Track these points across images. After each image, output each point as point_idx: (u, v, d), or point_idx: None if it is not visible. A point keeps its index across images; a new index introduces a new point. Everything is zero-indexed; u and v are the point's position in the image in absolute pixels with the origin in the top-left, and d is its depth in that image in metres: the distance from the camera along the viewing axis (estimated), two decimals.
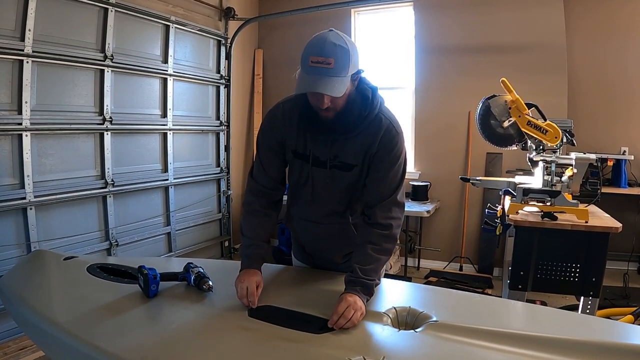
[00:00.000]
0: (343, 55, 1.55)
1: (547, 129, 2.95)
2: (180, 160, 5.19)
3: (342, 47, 1.55)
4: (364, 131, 1.75)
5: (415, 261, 5.72)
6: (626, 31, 4.97)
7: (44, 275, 2.12)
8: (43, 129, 3.71)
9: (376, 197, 1.79)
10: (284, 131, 1.86)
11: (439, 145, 5.59)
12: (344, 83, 1.57)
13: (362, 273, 1.66)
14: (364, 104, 1.73)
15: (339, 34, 1.59)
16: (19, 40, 3.48)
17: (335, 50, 1.54)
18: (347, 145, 1.77)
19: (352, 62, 1.58)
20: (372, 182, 1.80)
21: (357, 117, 1.73)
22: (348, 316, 1.51)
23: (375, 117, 1.75)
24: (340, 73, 1.55)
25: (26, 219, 3.61)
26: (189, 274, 1.87)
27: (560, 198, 2.90)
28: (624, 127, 5.08)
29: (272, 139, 1.89)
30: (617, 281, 4.61)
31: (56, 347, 1.61)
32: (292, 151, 1.87)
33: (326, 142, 1.78)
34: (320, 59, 1.53)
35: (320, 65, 1.53)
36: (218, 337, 1.47)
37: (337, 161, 1.80)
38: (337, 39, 1.56)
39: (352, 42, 1.63)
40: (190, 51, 5.30)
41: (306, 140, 1.82)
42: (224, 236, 6.01)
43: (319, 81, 1.54)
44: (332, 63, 1.52)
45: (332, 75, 1.53)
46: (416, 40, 5.63)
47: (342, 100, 1.64)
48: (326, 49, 1.54)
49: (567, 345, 1.33)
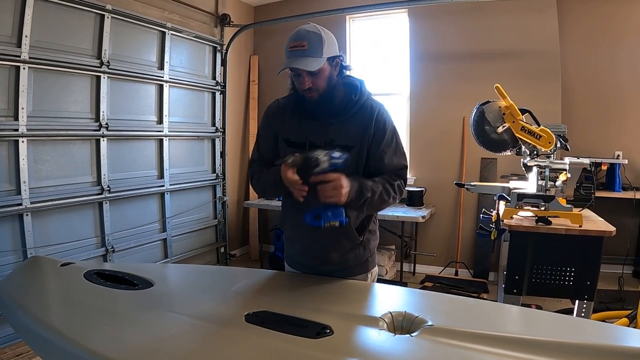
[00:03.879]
0: (315, 39, 1.78)
1: (541, 134, 2.97)
2: (176, 166, 5.20)
3: (315, 33, 1.80)
4: (358, 114, 1.93)
5: (411, 266, 5.73)
6: (619, 37, 5.02)
7: (41, 281, 2.12)
8: (39, 135, 3.72)
9: (383, 167, 1.94)
10: (279, 122, 2.03)
11: (433, 151, 5.61)
12: (318, 62, 1.78)
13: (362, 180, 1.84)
14: (354, 90, 1.94)
15: (315, 25, 1.84)
16: (16, 47, 3.49)
17: (308, 35, 1.79)
18: (343, 128, 1.92)
19: (327, 45, 1.80)
20: (374, 156, 1.94)
21: (348, 101, 1.93)
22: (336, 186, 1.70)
23: (365, 102, 1.95)
24: (314, 53, 1.77)
25: (22, 225, 3.61)
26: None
27: (554, 203, 2.92)
28: (618, 131, 5.11)
29: (269, 129, 2.07)
30: (612, 284, 4.62)
31: (53, 353, 1.61)
32: (284, 140, 2.00)
33: (321, 127, 1.93)
34: (296, 44, 1.79)
35: (296, 48, 1.78)
36: (214, 342, 1.47)
37: (334, 145, 1.88)
38: (311, 27, 1.82)
39: (329, 32, 1.86)
40: (186, 57, 5.31)
41: (302, 128, 1.95)
42: (220, 242, 6.01)
43: (295, 60, 1.78)
44: (306, 45, 1.77)
45: (307, 56, 1.77)
46: (411, 47, 5.66)
47: (322, 81, 1.84)
48: (301, 35, 1.80)
49: (562, 349, 1.33)
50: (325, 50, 1.79)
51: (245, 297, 1.84)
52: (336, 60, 1.88)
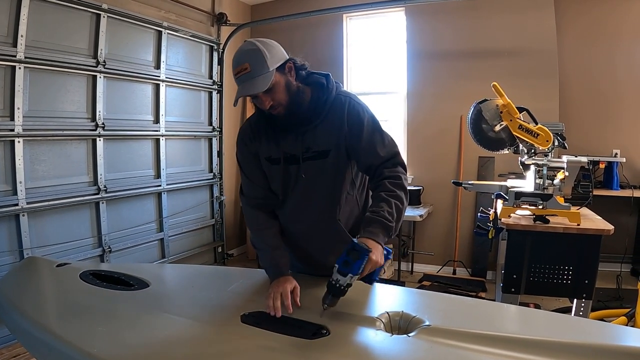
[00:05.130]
0: (256, 56, 1.67)
1: (539, 132, 2.97)
2: (173, 166, 5.19)
3: (253, 49, 1.68)
4: (330, 114, 1.83)
5: (409, 265, 5.73)
6: (616, 36, 5.02)
7: (37, 282, 2.11)
8: (35, 135, 3.71)
9: (374, 159, 1.82)
10: (255, 143, 1.93)
11: (431, 150, 5.60)
12: (266, 78, 1.67)
13: (375, 215, 1.68)
14: (321, 90, 1.83)
15: (251, 41, 1.73)
16: (12, 46, 3.48)
17: (247, 55, 1.68)
18: (317, 133, 1.83)
19: (270, 57, 1.68)
20: (361, 151, 1.83)
21: (317, 102, 1.82)
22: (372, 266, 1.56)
23: (335, 99, 1.84)
24: (259, 72, 1.66)
25: (19, 225, 3.60)
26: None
27: (552, 201, 2.92)
28: (615, 129, 5.11)
29: (248, 154, 1.97)
30: (610, 283, 4.63)
31: (48, 355, 1.60)
32: (266, 159, 1.92)
33: (296, 137, 1.84)
34: (239, 69, 1.68)
35: (240, 74, 1.68)
36: (211, 343, 1.47)
37: (310, 152, 1.84)
38: (247, 45, 1.71)
39: (268, 41, 1.75)
40: (183, 57, 5.30)
41: (278, 143, 1.88)
42: (217, 242, 6.00)
43: (244, 86, 1.68)
44: (248, 67, 1.66)
45: (253, 77, 1.66)
46: (408, 45, 5.66)
47: (280, 94, 1.74)
48: (240, 59, 1.69)
49: (560, 348, 1.33)
50: (270, 62, 1.68)
51: (241, 297, 1.83)
52: (288, 66, 1.76)
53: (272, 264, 1.85)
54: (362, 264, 1.52)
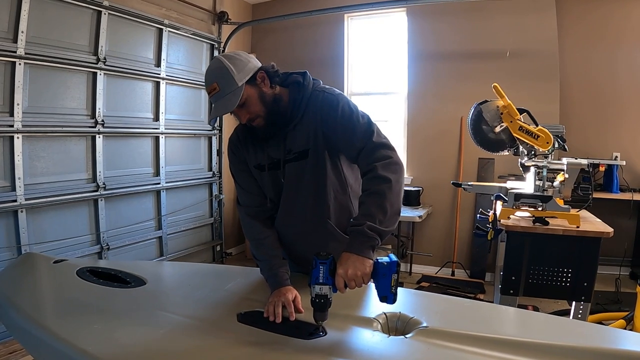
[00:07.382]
0: (223, 74, 1.68)
1: (539, 134, 2.96)
2: (172, 164, 5.18)
3: (219, 67, 1.69)
4: (306, 114, 1.80)
5: (408, 266, 5.72)
6: (617, 39, 5.02)
7: (34, 278, 2.10)
8: (35, 131, 3.70)
9: (360, 143, 1.74)
10: (243, 152, 1.94)
11: (431, 151, 5.60)
12: (236, 95, 1.67)
13: (356, 226, 1.61)
14: (297, 90, 1.82)
15: (218, 58, 1.73)
16: (12, 42, 3.47)
17: (214, 75, 1.69)
18: (296, 134, 1.82)
19: (237, 72, 1.68)
20: (340, 139, 1.78)
21: (294, 105, 1.80)
22: (351, 284, 1.51)
23: (311, 96, 1.82)
24: (229, 89, 1.67)
25: (17, 221, 3.59)
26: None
27: (551, 203, 2.91)
28: (616, 132, 5.11)
29: (239, 163, 1.97)
30: (609, 286, 4.62)
31: (45, 351, 1.59)
32: (254, 167, 1.92)
33: (279, 142, 1.84)
34: (209, 89, 1.70)
35: (212, 94, 1.70)
36: (207, 342, 1.46)
37: (291, 155, 1.83)
38: (215, 63, 1.72)
39: (235, 55, 1.75)
40: (183, 55, 5.29)
41: (264, 150, 1.87)
42: (216, 240, 5.99)
43: (217, 106, 1.70)
44: (217, 86, 1.68)
45: (224, 96, 1.68)
46: (409, 46, 5.65)
47: (255, 106, 1.74)
48: (210, 78, 1.71)
49: (558, 351, 1.32)
50: (238, 77, 1.67)
51: (238, 296, 1.83)
52: (259, 76, 1.74)
53: (272, 274, 1.81)
54: (317, 273, 1.48)
